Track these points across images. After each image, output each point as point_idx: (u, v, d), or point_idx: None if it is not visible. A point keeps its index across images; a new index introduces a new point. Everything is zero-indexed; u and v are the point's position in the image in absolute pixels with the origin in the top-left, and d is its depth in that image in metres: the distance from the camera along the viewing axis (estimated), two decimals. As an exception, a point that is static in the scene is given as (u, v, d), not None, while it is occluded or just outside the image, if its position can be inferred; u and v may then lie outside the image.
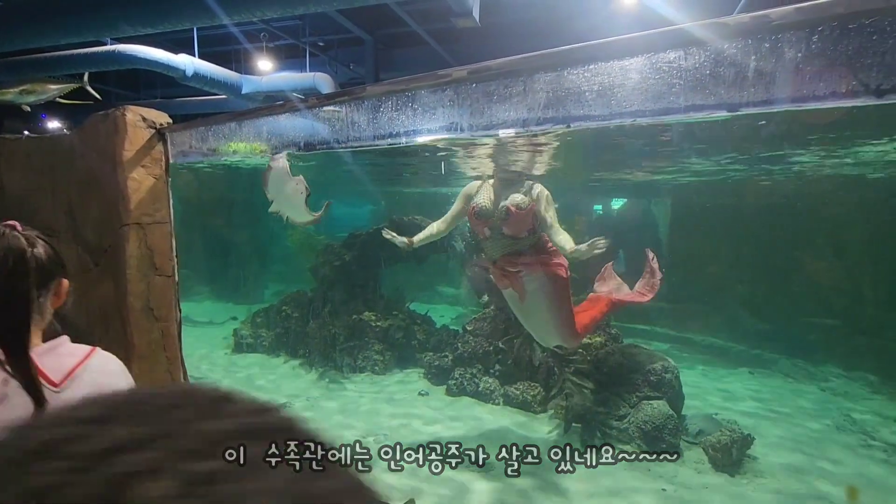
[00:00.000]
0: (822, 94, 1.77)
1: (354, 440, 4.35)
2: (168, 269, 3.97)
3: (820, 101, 1.79)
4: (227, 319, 8.81)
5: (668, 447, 4.35)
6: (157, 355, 3.96)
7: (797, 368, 7.35)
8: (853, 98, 1.70)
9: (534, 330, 3.83)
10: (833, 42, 1.58)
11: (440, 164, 8.69)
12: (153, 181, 3.82)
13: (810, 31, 1.50)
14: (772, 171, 8.01)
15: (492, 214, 3.41)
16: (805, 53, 1.62)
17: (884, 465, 4.31)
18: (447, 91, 2.23)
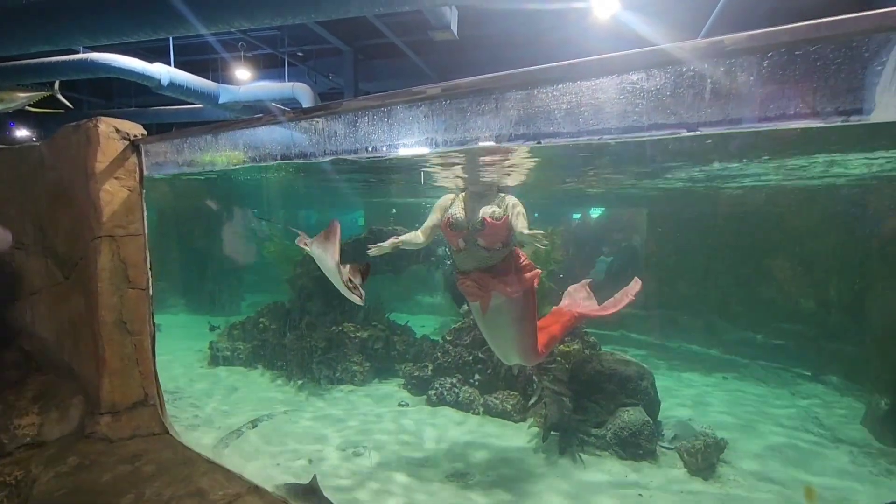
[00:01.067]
0: (773, 115, 1.89)
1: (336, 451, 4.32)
2: (142, 282, 3.90)
3: (771, 123, 1.90)
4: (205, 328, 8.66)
5: (645, 453, 4.44)
6: (129, 370, 3.88)
7: (768, 373, 7.58)
8: (801, 119, 1.82)
9: (496, 345, 3.81)
10: (782, 67, 1.69)
11: (419, 174, 8.76)
12: (127, 193, 3.77)
13: (761, 56, 1.60)
14: (742, 184, 8.29)
15: (466, 225, 3.44)
16: (757, 77, 1.73)
17: (851, 466, 4.46)
18: (422, 107, 2.27)
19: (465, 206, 3.52)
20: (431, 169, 6.10)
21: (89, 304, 3.81)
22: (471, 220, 3.43)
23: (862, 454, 4.68)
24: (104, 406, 3.79)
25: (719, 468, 4.30)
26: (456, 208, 3.54)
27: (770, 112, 1.92)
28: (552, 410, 4.81)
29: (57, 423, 3.78)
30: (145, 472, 3.33)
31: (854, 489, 4.03)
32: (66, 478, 3.29)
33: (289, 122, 2.65)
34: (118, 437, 3.73)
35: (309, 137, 3.00)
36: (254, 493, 3.11)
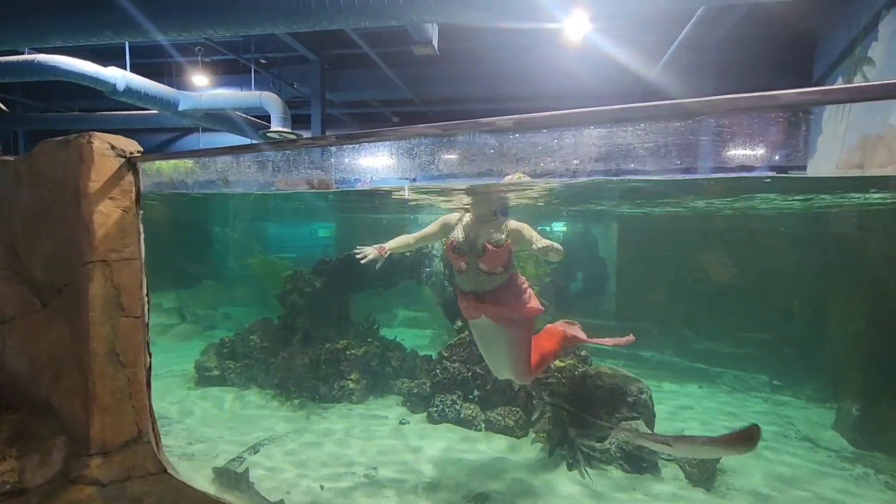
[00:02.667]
0: (726, 166, 2.05)
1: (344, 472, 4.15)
2: (137, 310, 3.62)
3: (724, 173, 2.06)
4: (188, 348, 8.13)
5: (648, 465, 4.54)
6: (122, 406, 3.58)
7: (739, 381, 7.99)
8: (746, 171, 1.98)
9: (490, 361, 3.89)
10: (722, 127, 1.85)
11: (402, 190, 8.67)
12: (121, 214, 3.49)
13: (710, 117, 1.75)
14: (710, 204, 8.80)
15: (467, 250, 3.46)
16: (707, 135, 1.88)
17: (832, 470, 4.75)
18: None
19: (466, 229, 3.54)
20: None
21: (77, 335, 3.48)
22: (472, 244, 3.46)
23: (840, 458, 5.00)
24: (94, 446, 3.46)
25: (718, 477, 4.46)
26: (459, 231, 3.55)
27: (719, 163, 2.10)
28: (556, 426, 4.85)
29: (39, 468, 3.42)
30: (149, 518, 3.07)
31: (840, 494, 4.29)
32: (58, 531, 2.97)
33: (328, 147, 2.54)
34: (111, 480, 3.42)
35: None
36: (276, 535, 2.94)
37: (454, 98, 12.16)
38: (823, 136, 6.26)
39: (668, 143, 1.89)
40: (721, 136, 2.00)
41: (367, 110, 14.00)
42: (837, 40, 6.41)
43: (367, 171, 2.72)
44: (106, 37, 6.56)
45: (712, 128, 1.92)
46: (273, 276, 7.40)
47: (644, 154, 1.93)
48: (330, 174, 2.81)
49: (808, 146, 6.05)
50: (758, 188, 5.71)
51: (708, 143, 1.99)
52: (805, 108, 4.86)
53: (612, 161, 2.02)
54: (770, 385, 7.76)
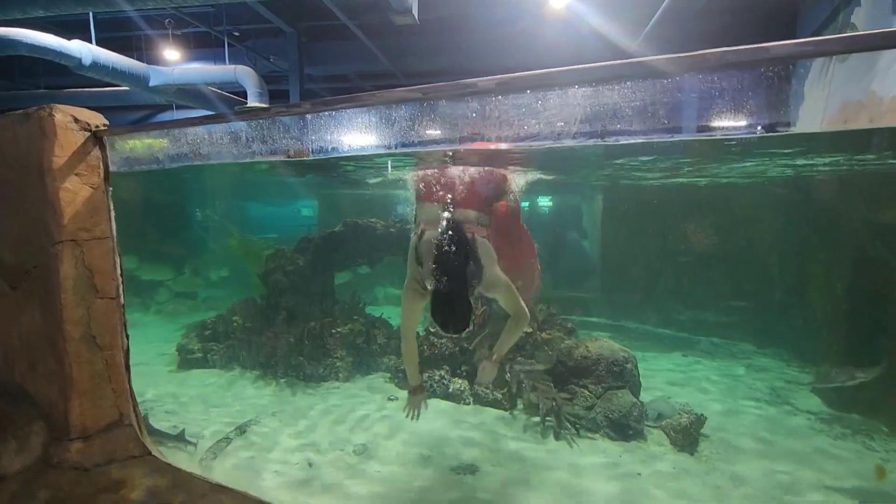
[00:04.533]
0: (711, 127, 2.02)
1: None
2: (111, 291, 3.50)
3: (708, 133, 2.03)
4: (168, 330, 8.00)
5: (635, 433, 4.63)
6: (101, 389, 3.49)
7: (721, 349, 8.16)
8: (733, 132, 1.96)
9: None
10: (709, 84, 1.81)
11: (385, 165, 8.51)
12: (90, 191, 3.33)
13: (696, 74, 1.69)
14: (692, 174, 8.82)
15: None
16: (694, 94, 1.84)
17: (811, 432, 4.89)
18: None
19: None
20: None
21: (49, 319, 3.36)
22: None
23: (818, 420, 5.15)
24: (74, 431, 3.38)
25: (701, 441, 4.57)
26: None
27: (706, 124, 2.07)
28: (543, 397, 4.90)
29: (17, 454, 3.33)
30: (134, 500, 3.02)
31: (819, 454, 4.42)
32: (39, 516, 2.91)
33: (308, 115, 2.43)
34: (93, 464, 3.35)
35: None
36: (264, 512, 2.91)
37: (436, 70, 11.91)
38: (805, 105, 6.25)
39: (656, 102, 1.84)
40: (704, 99, 1.94)
41: (348, 85, 13.66)
42: (820, 7, 6.36)
43: (346, 142, 2.61)
44: (68, 7, 6.22)
45: (697, 88, 1.86)
46: (253, 256, 7.25)
47: (630, 114, 1.87)
48: (306, 146, 2.68)
49: (790, 115, 6.02)
50: (742, 152, 5.69)
51: (691, 106, 1.94)
52: (786, 77, 4.80)
53: (598, 122, 1.95)
54: (751, 352, 7.94)
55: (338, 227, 6.47)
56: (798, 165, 6.87)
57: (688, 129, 2.05)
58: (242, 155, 2.79)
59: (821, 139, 5.39)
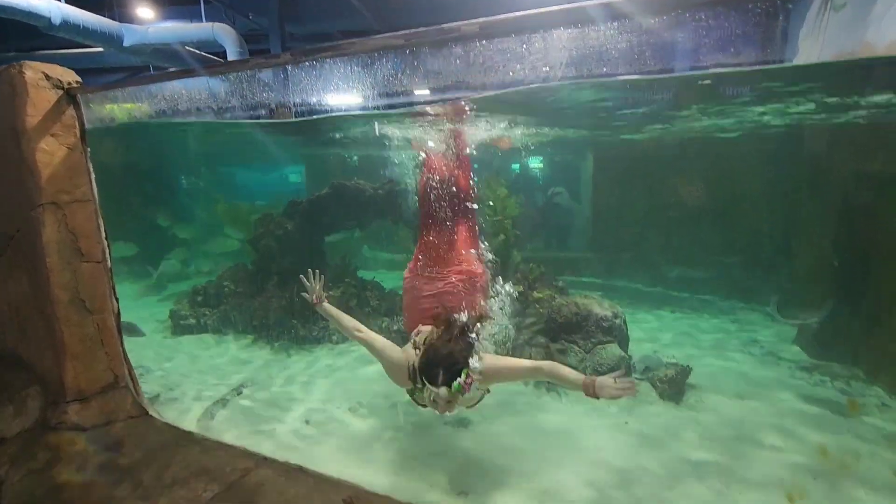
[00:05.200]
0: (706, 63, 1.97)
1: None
2: (97, 254, 3.47)
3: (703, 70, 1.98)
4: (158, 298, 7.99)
5: (622, 385, 4.76)
6: (94, 352, 3.51)
7: (708, 304, 8.31)
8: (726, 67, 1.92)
9: None
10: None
11: (372, 125, 8.34)
12: (67, 152, 3.25)
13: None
14: (683, 128, 8.75)
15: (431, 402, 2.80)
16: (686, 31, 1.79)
17: (791, 380, 5.07)
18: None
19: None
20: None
21: (36, 284, 3.34)
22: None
23: (799, 369, 5.32)
24: (70, 393, 3.42)
25: (687, 391, 4.71)
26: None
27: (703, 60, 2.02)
28: (535, 353, 5.00)
29: (14, 418, 3.37)
30: (134, 458, 3.09)
31: (798, 399, 4.59)
32: (41, 474, 2.98)
33: (286, 65, 2.35)
34: (92, 424, 3.40)
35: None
36: (263, 464, 3.00)
37: (423, 26, 11.53)
38: (800, 57, 6.16)
39: (642, 43, 1.79)
40: (697, 41, 1.89)
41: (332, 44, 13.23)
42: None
43: (328, 97, 2.54)
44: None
45: (689, 29, 1.81)
46: (240, 221, 7.17)
47: (616, 56, 1.83)
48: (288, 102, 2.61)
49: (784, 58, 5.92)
50: (732, 97, 5.61)
51: (681, 47, 1.89)
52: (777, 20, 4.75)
53: (584, 66, 1.90)
54: (738, 307, 8.11)
55: (325, 190, 6.40)
56: (789, 113, 6.83)
57: (679, 69, 2.00)
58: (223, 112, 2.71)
59: (813, 79, 5.29)
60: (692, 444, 3.76)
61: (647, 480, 3.26)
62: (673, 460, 3.51)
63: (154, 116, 2.99)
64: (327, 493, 2.66)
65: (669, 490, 3.16)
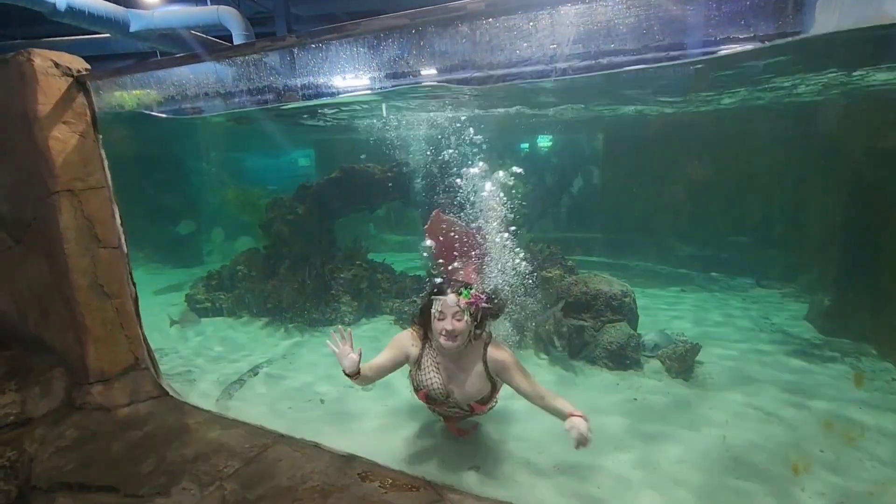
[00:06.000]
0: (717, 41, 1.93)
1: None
2: (113, 240, 3.55)
3: (714, 47, 1.94)
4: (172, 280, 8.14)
5: (632, 363, 4.80)
6: (115, 335, 3.62)
7: (719, 283, 8.28)
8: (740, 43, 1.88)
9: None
10: None
11: (380, 108, 8.30)
12: (80, 140, 3.30)
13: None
14: (696, 109, 8.60)
15: (445, 399, 2.88)
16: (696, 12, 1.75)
17: (802, 357, 5.05)
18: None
19: (438, 366, 2.86)
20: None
21: (56, 269, 3.42)
22: (450, 393, 2.85)
23: (810, 345, 5.31)
24: (93, 375, 3.54)
25: (696, 368, 4.74)
26: (429, 373, 2.87)
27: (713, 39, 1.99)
28: (548, 330, 5.04)
29: (41, 399, 3.50)
30: (158, 435, 3.21)
31: (807, 375, 4.60)
32: (69, 452, 3.11)
33: (294, 48, 2.35)
34: (115, 404, 3.53)
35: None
36: (280, 441, 3.10)
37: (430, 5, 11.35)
38: (815, 28, 5.99)
39: (650, 17, 1.77)
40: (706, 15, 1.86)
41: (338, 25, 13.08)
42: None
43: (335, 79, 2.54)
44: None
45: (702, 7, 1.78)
46: (251, 206, 7.24)
47: (625, 31, 1.81)
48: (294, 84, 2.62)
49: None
50: (743, 77, 5.50)
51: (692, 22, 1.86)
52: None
53: (592, 42, 1.88)
54: (749, 285, 8.07)
55: (334, 174, 6.42)
56: (797, 89, 6.68)
57: (692, 45, 1.96)
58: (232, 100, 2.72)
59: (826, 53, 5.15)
60: (699, 419, 3.79)
61: (652, 454, 3.31)
62: (679, 434, 3.56)
63: (163, 103, 3.01)
64: (343, 469, 2.75)
65: (675, 462, 3.21)
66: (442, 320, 2.69)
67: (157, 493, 2.66)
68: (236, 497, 2.56)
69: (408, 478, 2.66)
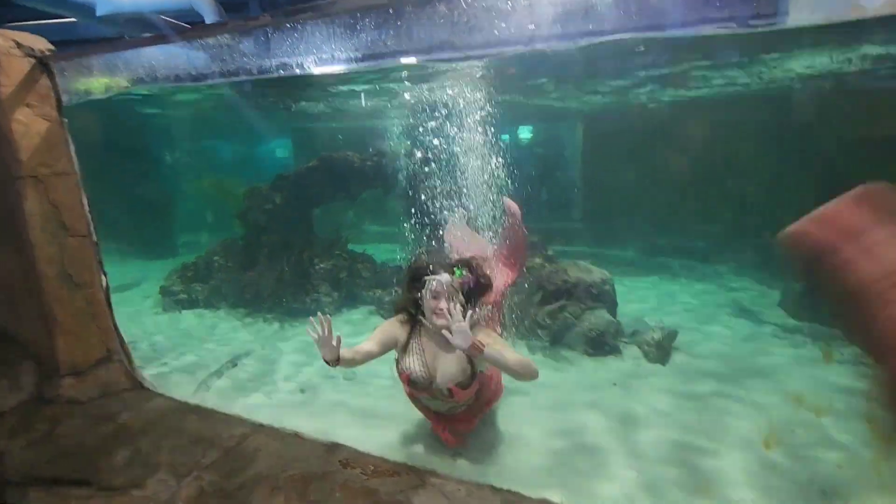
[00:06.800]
0: (693, 21, 1.95)
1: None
2: (82, 228, 3.44)
3: (693, 28, 1.96)
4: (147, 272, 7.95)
5: (611, 349, 4.87)
6: (85, 327, 3.52)
7: (696, 271, 8.45)
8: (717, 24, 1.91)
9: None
10: None
11: (359, 96, 8.21)
12: (45, 124, 3.18)
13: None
14: (669, 97, 8.71)
15: (429, 385, 2.83)
16: None
17: (775, 340, 5.21)
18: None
19: (423, 350, 2.84)
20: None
21: (22, 259, 3.30)
22: (433, 379, 2.81)
23: (782, 331, 5.46)
24: (63, 368, 3.44)
25: (673, 354, 4.83)
26: (412, 358, 2.84)
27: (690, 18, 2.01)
28: (530, 322, 5.08)
29: (10, 392, 3.39)
30: (133, 427, 3.14)
31: (780, 358, 4.74)
32: (41, 445, 3.02)
33: (266, 28, 2.29)
34: (87, 397, 3.44)
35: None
36: (260, 430, 3.06)
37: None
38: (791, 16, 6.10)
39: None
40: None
41: (313, 4, 12.84)
42: None
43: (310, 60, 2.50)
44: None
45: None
46: (228, 196, 7.09)
47: (603, 11, 1.81)
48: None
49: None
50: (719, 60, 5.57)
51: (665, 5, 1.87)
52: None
53: (571, 22, 1.87)
54: (725, 273, 8.26)
55: (313, 163, 6.32)
56: (773, 77, 6.81)
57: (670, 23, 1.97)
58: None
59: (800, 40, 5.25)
60: (675, 402, 3.87)
61: (630, 435, 3.37)
62: (654, 415, 3.63)
63: (132, 85, 2.92)
64: (323, 457, 2.73)
65: (653, 443, 3.27)
66: (436, 299, 2.70)
67: (132, 486, 2.60)
68: (214, 487, 2.52)
69: (389, 464, 2.66)
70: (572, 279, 5.21)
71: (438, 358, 2.83)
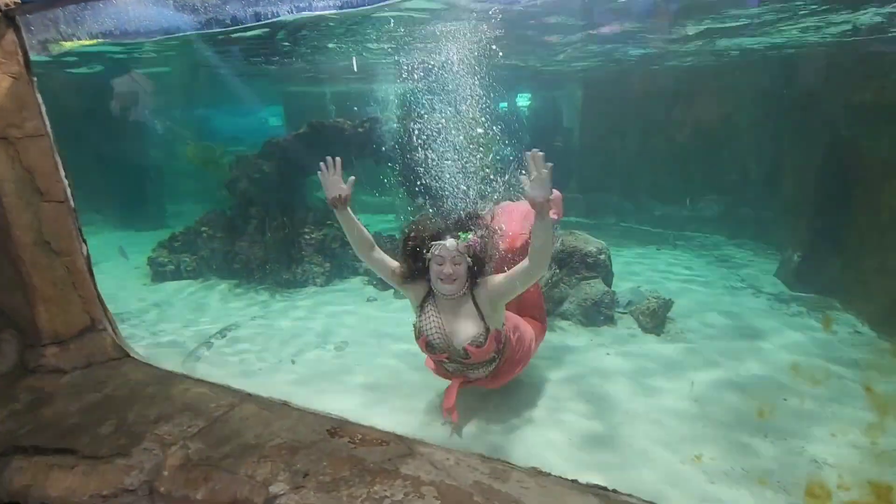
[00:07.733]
0: None
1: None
2: (58, 194, 3.30)
3: None
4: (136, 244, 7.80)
5: (605, 319, 4.82)
6: (67, 295, 3.41)
7: (694, 241, 8.39)
8: None
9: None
10: None
11: (350, 59, 7.90)
12: (12, 82, 3.00)
13: None
14: (670, 62, 8.43)
15: (446, 349, 2.81)
16: None
17: (770, 310, 5.19)
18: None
19: (439, 313, 2.79)
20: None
21: (-3, 225, 3.18)
22: (450, 342, 2.78)
23: (777, 301, 5.44)
24: (46, 337, 3.35)
25: (668, 323, 4.80)
26: (429, 316, 2.80)
27: None
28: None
29: (-9, 361, 3.32)
30: (118, 397, 3.08)
31: (775, 328, 4.71)
32: (23, 415, 2.96)
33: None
34: (72, 366, 3.36)
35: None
36: (248, 400, 3.00)
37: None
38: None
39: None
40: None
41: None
42: None
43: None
44: None
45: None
46: (213, 164, 6.87)
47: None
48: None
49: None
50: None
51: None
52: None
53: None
54: (722, 243, 8.20)
55: (303, 129, 6.11)
56: (772, 42, 6.57)
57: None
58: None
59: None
60: (670, 371, 3.85)
61: (623, 405, 3.35)
62: (650, 384, 3.61)
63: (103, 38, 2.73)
64: (311, 425, 2.68)
65: (646, 410, 3.25)
66: (441, 265, 2.65)
67: (116, 455, 2.55)
68: (200, 455, 2.47)
69: (378, 433, 2.61)
70: (568, 248, 5.13)
71: (452, 320, 2.78)
